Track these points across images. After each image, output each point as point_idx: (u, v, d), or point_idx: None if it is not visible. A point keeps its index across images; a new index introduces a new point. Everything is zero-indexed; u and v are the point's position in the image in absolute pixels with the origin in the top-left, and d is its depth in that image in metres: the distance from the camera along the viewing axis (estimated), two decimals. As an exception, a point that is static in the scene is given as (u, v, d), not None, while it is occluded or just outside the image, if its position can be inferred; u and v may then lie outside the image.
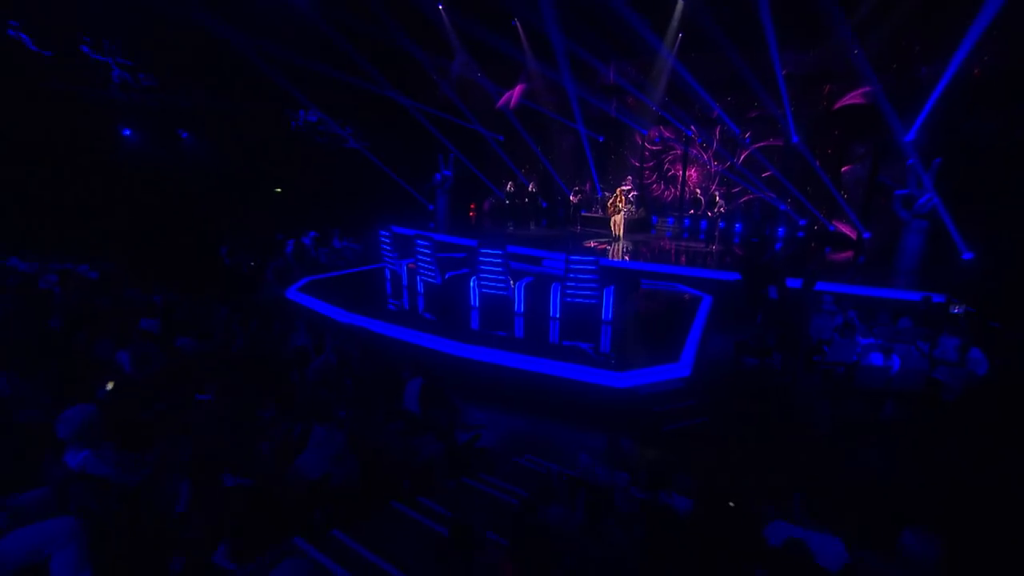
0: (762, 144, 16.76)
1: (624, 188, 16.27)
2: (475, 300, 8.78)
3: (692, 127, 17.68)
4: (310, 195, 15.31)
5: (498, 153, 18.09)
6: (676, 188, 18.68)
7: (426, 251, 9.03)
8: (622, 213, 14.05)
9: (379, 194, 17.17)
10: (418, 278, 9.61)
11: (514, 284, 8.55)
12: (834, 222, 15.40)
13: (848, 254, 13.45)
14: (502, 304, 8.57)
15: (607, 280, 7.90)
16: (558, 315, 8.31)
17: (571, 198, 16.52)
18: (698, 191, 14.83)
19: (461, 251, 12.78)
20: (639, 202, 16.44)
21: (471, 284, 8.73)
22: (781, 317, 7.22)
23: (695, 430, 5.63)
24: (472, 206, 20.05)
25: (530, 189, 16.46)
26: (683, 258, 12.86)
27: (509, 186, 16.21)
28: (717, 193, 14.83)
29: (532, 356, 6.72)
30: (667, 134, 18.52)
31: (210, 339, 5.39)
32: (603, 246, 13.84)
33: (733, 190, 17.15)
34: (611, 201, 14.03)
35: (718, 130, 17.52)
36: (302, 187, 15.18)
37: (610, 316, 8.10)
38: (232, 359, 5.02)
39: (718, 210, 12.83)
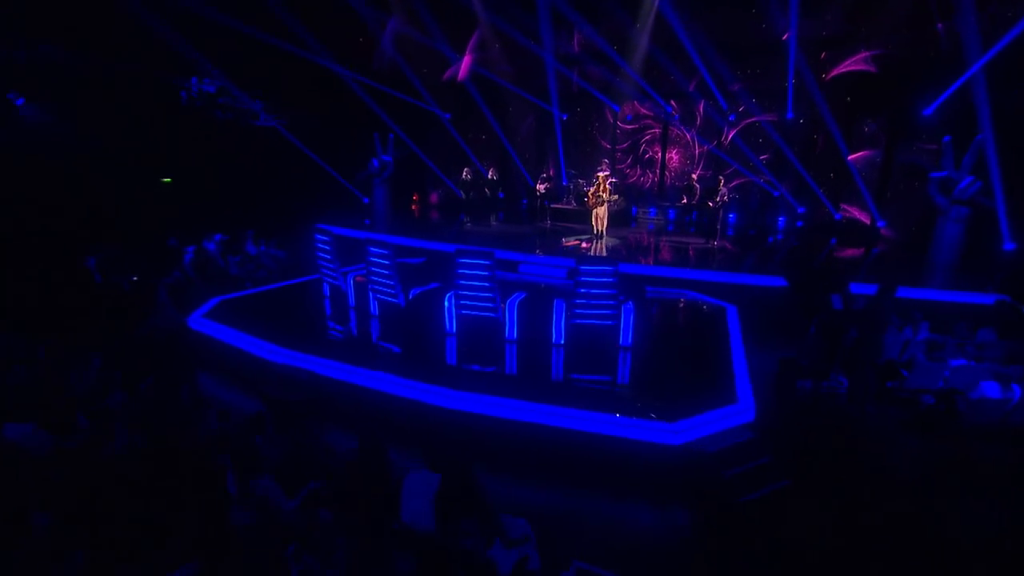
0: (752, 121, 16.52)
1: (601, 172, 15.48)
2: (451, 324, 7.54)
3: (672, 102, 17.15)
4: (213, 187, 13.32)
5: (451, 134, 17.24)
6: (655, 173, 18.25)
7: (383, 262, 7.67)
8: (606, 205, 13.13)
9: (300, 185, 15.36)
10: (371, 296, 8.25)
11: (504, 303, 7.39)
12: (844, 207, 15.18)
13: (858, 249, 13.23)
14: (487, 328, 7.39)
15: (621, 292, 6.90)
16: (562, 341, 7.25)
17: (538, 187, 15.49)
18: (694, 178, 14.21)
19: (418, 255, 11.52)
20: (616, 190, 15.72)
21: (446, 304, 7.48)
22: (842, 331, 6.50)
23: (777, 497, 4.73)
24: (415, 197, 18.79)
25: (490, 177, 15.19)
26: (667, 255, 12.14)
27: (465, 173, 14.96)
28: (693, 176, 14.22)
29: (544, 404, 5.58)
30: (643, 111, 17.94)
31: (69, 431, 3.70)
32: (585, 245, 12.91)
33: (725, 172, 16.81)
34: (592, 190, 13.08)
35: (702, 105, 17.11)
36: (202, 176, 13.17)
37: (630, 340, 7.15)
38: (107, 472, 3.35)
39: (721, 199, 12.19)
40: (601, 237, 13.21)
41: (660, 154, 18.01)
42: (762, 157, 16.33)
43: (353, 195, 16.18)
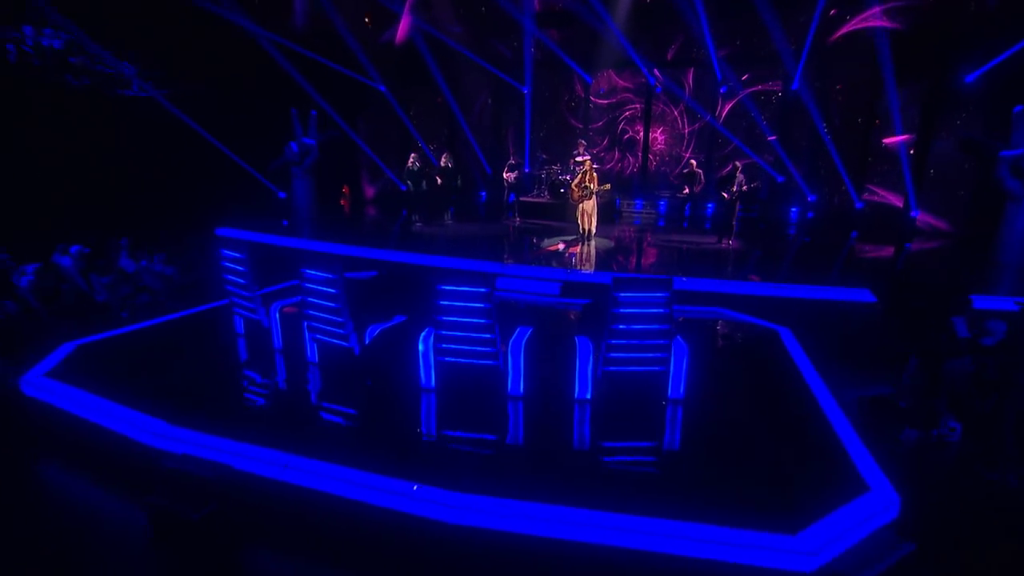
0: (750, 93, 15.88)
1: (580, 156, 14.24)
2: (429, 376, 5.95)
3: (656, 71, 16.36)
4: (66, 179, 11.01)
5: (392, 112, 16.13)
6: (637, 157, 17.32)
7: (327, 290, 5.95)
8: (594, 198, 11.88)
9: (195, 176, 13.20)
10: (308, 338, 6.50)
11: (507, 345, 5.85)
12: (871, 188, 14.56)
13: (886, 246, 12.53)
14: (482, 380, 5.86)
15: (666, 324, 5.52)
16: (589, 395, 5.81)
17: (505, 177, 14.05)
18: (694, 164, 13.18)
19: (361, 267, 9.85)
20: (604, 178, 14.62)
21: (421, 347, 5.86)
22: (957, 363, 5.41)
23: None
24: (345, 190, 17.15)
25: (442, 165, 13.67)
26: (677, 261, 11.06)
27: (411, 161, 13.36)
28: (694, 161, 13.32)
29: (581, 510, 4.10)
30: (620, 82, 17.08)
31: None
32: (574, 249, 11.63)
33: (720, 154, 16.04)
34: (576, 181, 11.81)
35: (691, 75, 16.28)
36: (48, 164, 10.82)
37: (682, 390, 5.79)
38: None
39: (738, 188, 11.14)
40: (589, 238, 12.02)
41: (642, 134, 17.16)
42: (770, 138, 15.55)
43: (267, 189, 14.68)
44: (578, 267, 10.46)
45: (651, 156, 17.42)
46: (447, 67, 16.30)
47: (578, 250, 11.62)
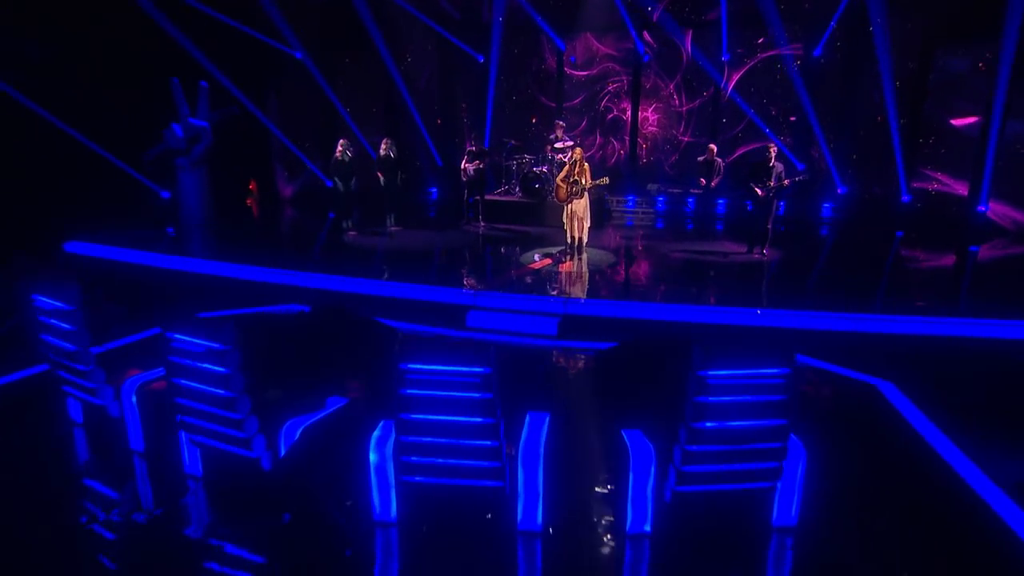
0: (768, 57, 14.79)
1: (558, 143, 13.12)
2: (387, 504, 4.16)
3: (646, 34, 15.42)
4: None
5: (315, 85, 15.00)
6: (623, 143, 16.43)
7: (212, 367, 4.05)
8: (586, 196, 10.39)
9: (28, 168, 11.03)
10: (184, 440, 4.58)
11: (518, 447, 4.10)
12: (926, 172, 13.64)
13: (943, 251, 11.50)
14: (475, 506, 4.09)
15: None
16: (649, 526, 4.12)
17: (464, 169, 12.53)
18: (713, 149, 11.84)
19: (278, 297, 8.02)
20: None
21: (374, 458, 4.08)
22: None
23: None
24: (253, 187, 15.95)
25: (381, 154, 12.15)
26: (705, 282, 9.69)
27: (340, 150, 11.74)
28: (714, 147, 12.09)
29: None
30: (602, 49, 16.08)
31: None
32: (564, 266, 10.11)
33: (724, 137, 15.22)
34: (563, 175, 10.45)
35: (688, 40, 15.23)
36: None
37: (795, 514, 4.18)
38: None
39: (777, 183, 9.81)
40: (581, 250, 10.56)
41: (630, 113, 16.06)
42: (791, 119, 14.75)
43: (142, 187, 13.18)
44: (574, 291, 8.85)
45: (641, 140, 16.34)
46: (385, 28, 14.97)
47: (571, 267, 10.00)
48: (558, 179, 10.65)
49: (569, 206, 10.52)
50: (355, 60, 16.17)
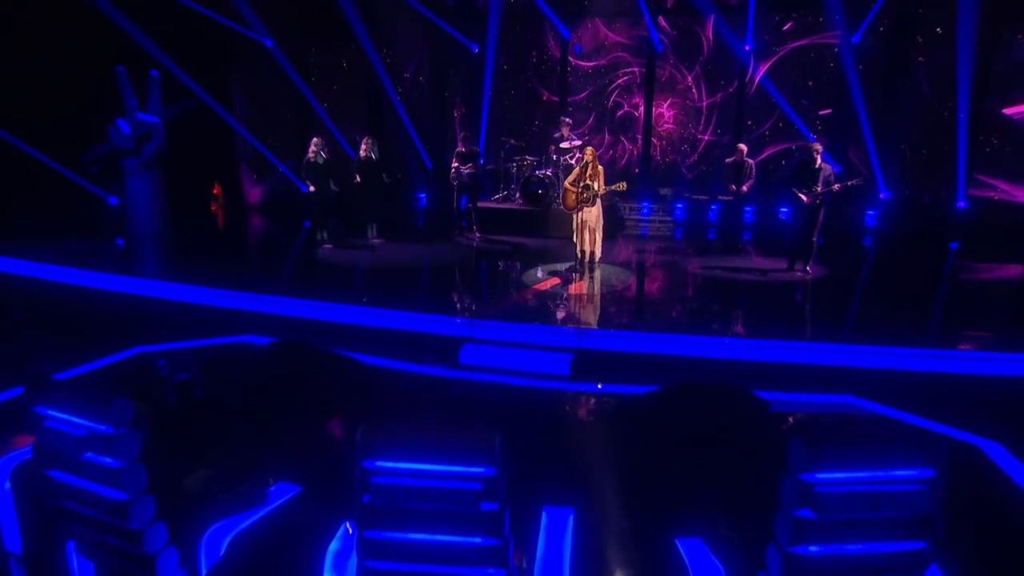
0: (800, 46, 14.16)
1: (564, 142, 12.33)
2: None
3: (661, 19, 14.81)
4: None
5: (285, 77, 14.42)
6: (635, 142, 15.72)
7: (99, 459, 2.98)
8: (599, 204, 9.60)
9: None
10: (72, 549, 3.54)
11: (533, 562, 3.01)
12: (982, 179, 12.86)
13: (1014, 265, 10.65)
14: None
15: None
16: None
17: (456, 169, 11.82)
18: (743, 150, 11.08)
19: (244, 325, 7.31)
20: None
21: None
22: None
23: None
24: (217, 192, 15.26)
25: (361, 155, 11.44)
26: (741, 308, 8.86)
27: (314, 150, 11.25)
28: (743, 147, 11.40)
29: None
30: (611, 36, 15.42)
31: None
32: (575, 287, 9.24)
33: (755, 132, 14.48)
34: (573, 178, 9.59)
35: (710, 27, 14.58)
36: None
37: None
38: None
39: (827, 186, 8.91)
40: (594, 267, 9.75)
41: (643, 109, 15.37)
42: (807, 107, 14.15)
43: (88, 193, 12.47)
44: (587, 318, 7.86)
45: (655, 140, 15.53)
46: (367, 13, 14.39)
47: (582, 288, 9.06)
48: (566, 183, 9.73)
49: (579, 215, 9.58)
50: (333, 49, 15.54)
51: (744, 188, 10.96)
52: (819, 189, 8.91)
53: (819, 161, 8.96)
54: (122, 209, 11.65)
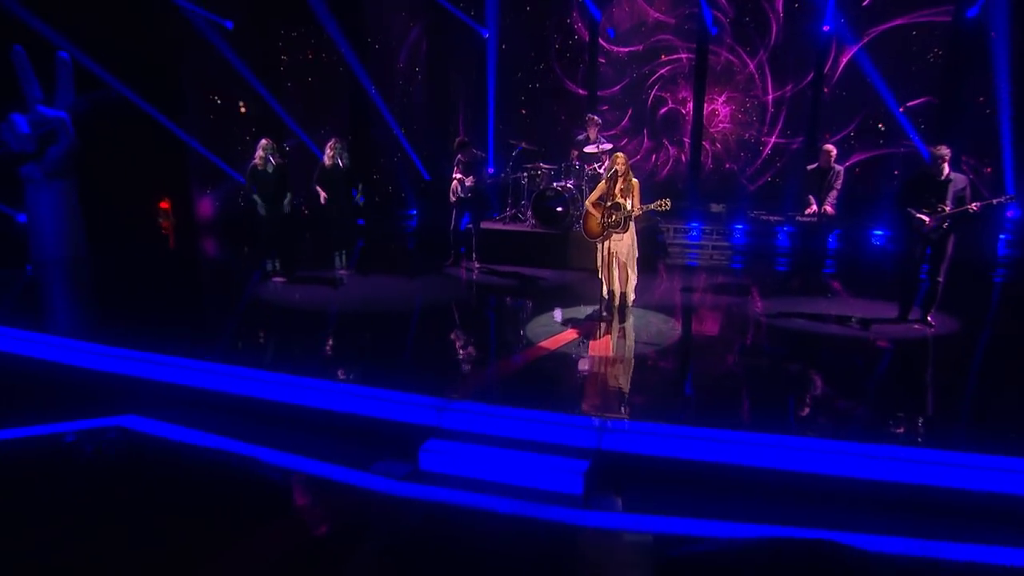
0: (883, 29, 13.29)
1: (591, 146, 11.35)
2: None
3: None
4: None
5: (229, 68, 14.08)
6: (682, 146, 15.19)
7: None
8: (632, 228, 8.24)
9: None
10: None
11: None
12: None
13: None
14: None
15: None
16: None
17: (457, 180, 10.86)
18: (832, 152, 10.07)
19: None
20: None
21: None
22: None
23: None
24: (165, 206, 14.66)
25: (327, 162, 10.44)
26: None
27: (259, 154, 10.14)
28: (831, 148, 10.01)
29: None
30: (653, 14, 14.87)
31: None
32: (597, 346, 7.64)
33: (838, 134, 13.57)
34: (596, 195, 8.34)
35: (780, 1, 14.01)
36: None
37: None
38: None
39: (956, 205, 7.17)
40: (625, 313, 8.33)
41: (691, 105, 14.74)
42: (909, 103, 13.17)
43: None
44: (613, 396, 6.10)
45: (707, 144, 14.87)
46: None
47: (608, 345, 7.44)
48: (588, 202, 8.35)
49: (605, 245, 8.12)
50: (307, 32, 15.13)
51: (829, 205, 9.18)
52: (947, 209, 7.00)
53: (946, 171, 7.07)
54: (32, 226, 10.89)
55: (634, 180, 8.02)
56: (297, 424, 5.63)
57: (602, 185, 8.16)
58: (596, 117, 11.64)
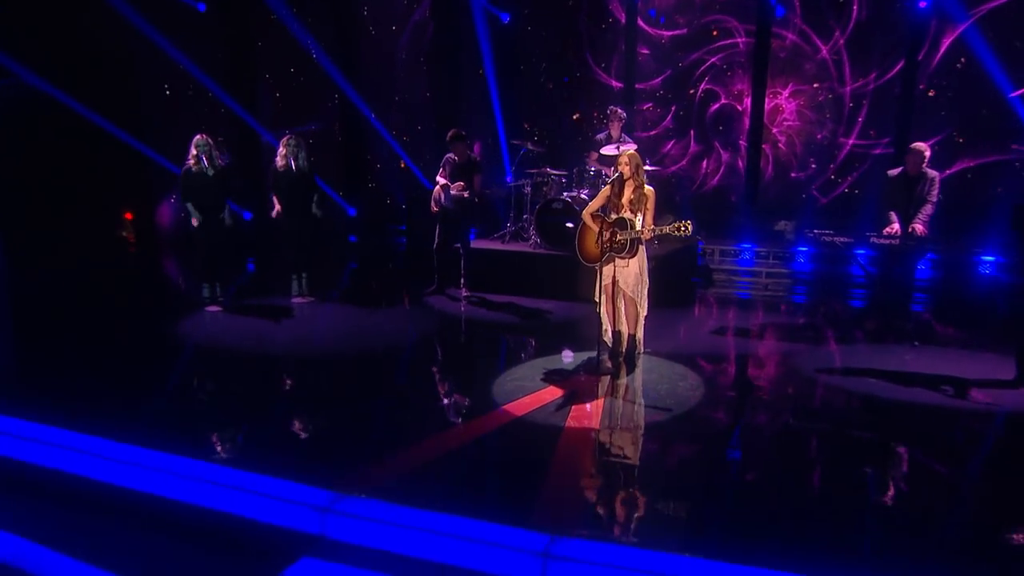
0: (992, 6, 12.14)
1: (612, 145, 10.53)
2: None
3: None
4: None
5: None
6: (736, 150, 14.25)
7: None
8: (642, 253, 7.12)
9: None
10: None
11: None
12: None
13: None
14: None
15: None
16: None
17: (441, 184, 10.04)
18: (925, 152, 8.84)
19: None
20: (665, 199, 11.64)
21: None
22: None
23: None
24: (128, 218, 14.71)
25: (280, 162, 9.63)
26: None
27: (194, 153, 9.45)
28: (924, 148, 8.67)
29: None
30: None
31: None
32: (591, 412, 6.31)
33: (936, 137, 12.18)
34: (596, 205, 7.33)
35: None
36: None
37: None
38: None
39: None
40: (632, 363, 7.14)
41: (749, 100, 13.79)
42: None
43: None
44: (587, 494, 4.74)
45: (767, 147, 13.80)
46: None
47: (597, 407, 6.19)
48: (586, 213, 7.24)
49: (607, 270, 6.90)
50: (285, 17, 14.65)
51: (919, 223, 7.64)
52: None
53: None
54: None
55: (647, 188, 6.88)
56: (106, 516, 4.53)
57: (605, 191, 7.00)
58: (620, 110, 10.64)
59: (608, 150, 9.97)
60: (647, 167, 9.19)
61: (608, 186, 7.02)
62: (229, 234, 9.73)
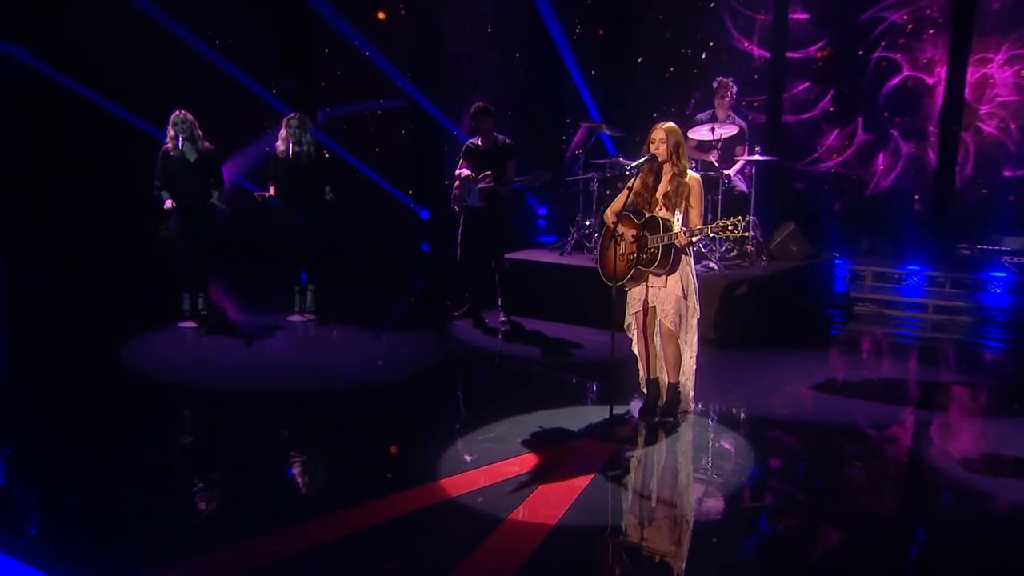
0: None
1: (707, 127, 9.79)
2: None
3: None
4: None
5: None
6: (924, 141, 12.95)
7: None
8: (688, 267, 6.32)
9: None
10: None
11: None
12: None
13: None
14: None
15: None
16: None
17: (463, 176, 9.27)
18: None
19: None
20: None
21: None
22: None
23: None
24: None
25: (280, 147, 9.38)
26: None
27: (171, 134, 9.22)
28: None
29: None
30: None
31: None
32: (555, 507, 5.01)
33: None
34: (621, 202, 6.34)
35: None
36: None
37: None
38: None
39: None
40: (671, 424, 6.49)
41: (943, 71, 12.56)
42: None
43: None
44: None
45: (967, 136, 12.48)
46: None
47: (602, 494, 5.49)
48: (608, 212, 6.30)
49: (636, 292, 6.13)
50: None
51: None
52: None
53: None
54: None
55: (691, 176, 5.83)
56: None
57: (636, 182, 5.92)
58: (731, 82, 9.65)
59: (699, 134, 8.92)
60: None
61: (638, 176, 5.89)
62: (214, 229, 9.20)
